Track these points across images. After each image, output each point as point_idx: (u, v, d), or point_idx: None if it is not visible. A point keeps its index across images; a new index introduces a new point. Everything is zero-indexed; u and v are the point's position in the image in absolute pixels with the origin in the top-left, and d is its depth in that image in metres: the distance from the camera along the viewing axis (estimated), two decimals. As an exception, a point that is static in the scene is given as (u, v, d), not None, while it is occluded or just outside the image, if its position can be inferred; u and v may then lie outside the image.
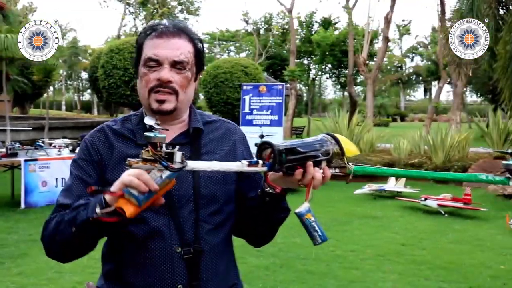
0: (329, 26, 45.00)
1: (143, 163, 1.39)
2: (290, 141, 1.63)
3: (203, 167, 1.52)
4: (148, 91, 1.81)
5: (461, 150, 15.61)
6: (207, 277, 1.82)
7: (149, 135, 1.38)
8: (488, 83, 27.93)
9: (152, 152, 1.38)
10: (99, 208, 1.51)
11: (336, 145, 1.67)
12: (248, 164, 1.57)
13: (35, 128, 18.20)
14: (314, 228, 1.64)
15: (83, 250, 1.76)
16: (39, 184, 9.84)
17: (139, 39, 1.89)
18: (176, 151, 1.41)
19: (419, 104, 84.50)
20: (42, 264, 6.42)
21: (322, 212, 10.02)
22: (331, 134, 1.70)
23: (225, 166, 1.56)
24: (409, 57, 72.17)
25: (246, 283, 6.28)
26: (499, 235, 8.45)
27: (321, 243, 1.65)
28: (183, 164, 1.43)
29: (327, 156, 1.64)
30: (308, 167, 1.61)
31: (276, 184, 1.72)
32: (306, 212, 1.63)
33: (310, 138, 1.67)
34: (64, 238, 1.68)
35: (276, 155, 1.56)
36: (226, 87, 19.85)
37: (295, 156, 1.59)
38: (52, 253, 1.78)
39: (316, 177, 1.62)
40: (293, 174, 1.61)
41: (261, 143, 1.63)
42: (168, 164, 1.39)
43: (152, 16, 36.62)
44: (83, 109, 61.99)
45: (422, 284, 6.05)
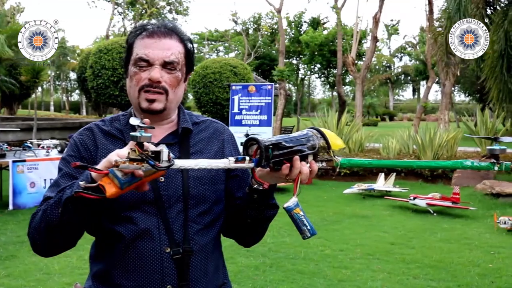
0: (318, 26, 45.00)
1: (130, 163, 1.39)
2: (276, 137, 1.63)
3: (190, 165, 1.51)
4: (138, 90, 1.81)
5: (449, 149, 15.69)
6: (197, 277, 1.82)
7: (135, 134, 1.38)
8: (476, 82, 28.09)
9: (138, 151, 1.38)
10: (84, 183, 1.50)
11: (322, 139, 1.68)
12: (235, 160, 1.57)
13: (23, 129, 18.09)
14: (303, 222, 1.65)
15: (68, 238, 1.74)
16: (27, 185, 9.79)
17: (129, 38, 1.89)
18: (163, 149, 1.41)
19: (407, 104, 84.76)
20: (31, 265, 6.39)
21: (312, 211, 10.04)
22: (316, 128, 1.71)
23: (213, 163, 1.55)
24: (397, 57, 72.39)
25: (236, 283, 6.27)
26: (487, 233, 8.50)
27: (310, 237, 1.66)
28: (170, 163, 1.42)
29: (313, 150, 1.65)
30: (294, 162, 1.61)
31: (264, 180, 1.73)
32: (295, 206, 1.64)
33: (296, 133, 1.68)
34: (50, 224, 1.65)
35: (262, 150, 1.56)
36: (215, 87, 19.78)
37: (282, 151, 1.60)
38: (38, 245, 1.76)
39: (303, 171, 1.63)
40: (280, 169, 1.62)
41: (247, 139, 1.63)
42: (155, 163, 1.39)
43: (141, 16, 36.47)
44: (71, 110, 61.65)
45: (411, 283, 6.08)
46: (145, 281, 1.77)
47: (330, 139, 1.69)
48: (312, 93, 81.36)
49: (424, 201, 10.16)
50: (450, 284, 6.05)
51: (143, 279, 1.77)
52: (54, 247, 1.77)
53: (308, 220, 1.66)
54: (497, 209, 10.08)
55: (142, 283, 1.77)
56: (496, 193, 11.22)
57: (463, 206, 10.11)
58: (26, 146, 10.85)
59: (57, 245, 1.77)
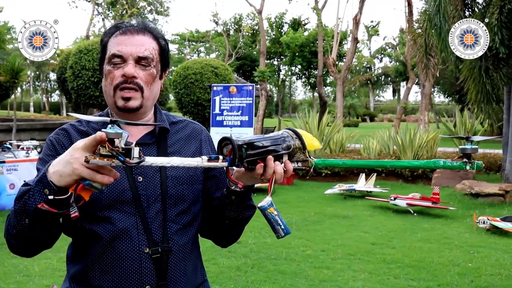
0: (299, 27, 45.11)
1: (101, 158, 1.38)
2: (250, 136, 1.64)
3: (162, 163, 1.50)
4: (114, 89, 1.80)
5: (429, 150, 15.83)
6: (175, 277, 1.82)
7: (105, 130, 1.37)
8: (455, 83, 28.32)
9: (109, 147, 1.38)
10: (51, 194, 1.46)
11: (298, 140, 1.69)
12: (208, 159, 1.56)
13: (3, 130, 17.96)
14: (277, 221, 1.65)
15: (44, 242, 1.69)
16: (6, 186, 9.69)
17: (103, 38, 1.89)
18: (133, 146, 1.41)
19: (388, 105, 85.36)
20: (10, 267, 6.33)
21: (293, 212, 10.07)
22: (292, 129, 1.72)
23: (185, 161, 1.54)
24: (377, 58, 72.78)
25: (217, 284, 6.26)
26: (467, 233, 8.58)
27: (284, 236, 1.66)
28: (140, 159, 1.42)
29: (288, 150, 1.66)
30: (268, 161, 1.61)
31: (240, 181, 1.73)
32: (269, 206, 1.64)
33: (271, 133, 1.69)
34: (21, 232, 1.60)
35: (235, 150, 1.57)
36: (196, 88, 19.76)
37: (256, 151, 1.60)
38: (15, 248, 1.72)
39: (277, 171, 1.63)
40: (255, 169, 1.63)
41: (221, 139, 1.64)
42: (124, 159, 1.38)
43: (122, 16, 36.30)
44: (51, 111, 61.12)
45: (392, 283, 6.11)
46: (123, 281, 1.75)
47: (306, 140, 1.70)
48: (293, 94, 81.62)
49: (404, 201, 10.23)
50: (431, 283, 6.10)
51: (121, 280, 1.75)
52: (31, 249, 1.73)
53: (282, 219, 1.66)
54: (476, 209, 10.19)
55: (120, 284, 1.75)
56: (475, 193, 11.34)
57: (443, 206, 10.20)
58: (5, 147, 10.78)
59: (34, 248, 1.72)
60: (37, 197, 1.49)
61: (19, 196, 1.56)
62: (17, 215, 1.57)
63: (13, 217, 1.61)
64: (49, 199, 1.46)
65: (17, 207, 1.56)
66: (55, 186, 1.46)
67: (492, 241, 8.08)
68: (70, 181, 1.44)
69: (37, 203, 1.47)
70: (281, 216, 1.67)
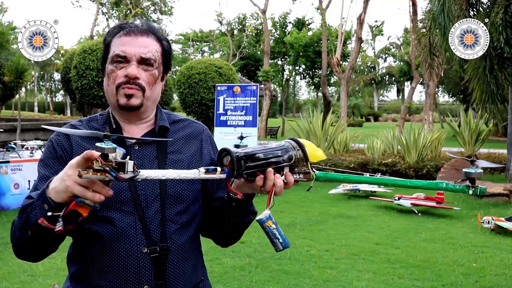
0: (303, 27, 45.14)
1: (94, 173, 1.38)
2: (251, 147, 1.62)
3: (157, 176, 1.49)
4: (116, 88, 1.81)
5: (433, 150, 15.80)
6: (174, 276, 1.82)
7: (99, 145, 1.37)
8: (460, 83, 28.31)
9: (101, 163, 1.38)
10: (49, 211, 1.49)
11: (300, 151, 1.66)
12: (205, 171, 1.55)
13: (7, 130, 17.98)
14: (275, 235, 1.64)
15: (48, 249, 1.74)
16: (11, 186, 9.71)
17: (106, 37, 1.90)
18: (128, 160, 1.40)
19: (392, 104, 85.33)
20: (15, 267, 6.33)
21: (297, 212, 10.06)
22: (295, 139, 1.69)
23: (182, 174, 1.53)
24: (382, 57, 72.76)
25: (222, 284, 6.25)
26: (471, 233, 8.56)
27: (282, 250, 1.66)
28: (134, 174, 1.41)
29: (289, 162, 1.63)
30: (268, 174, 1.60)
31: (240, 190, 1.73)
32: (267, 219, 1.64)
33: (273, 144, 1.66)
34: (25, 242, 1.66)
35: (234, 162, 1.55)
36: (200, 87, 19.79)
37: (255, 163, 1.58)
38: (20, 254, 1.76)
39: (277, 183, 1.61)
40: (254, 181, 1.61)
41: (221, 150, 1.62)
42: (117, 174, 1.38)
43: (126, 16, 36.34)
44: (56, 111, 61.32)
45: (396, 283, 6.10)
46: (121, 281, 1.76)
47: (309, 150, 1.67)
48: (297, 93, 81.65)
49: (408, 201, 10.21)
50: (435, 283, 6.08)
51: (119, 279, 1.76)
52: (36, 256, 1.77)
53: (281, 232, 1.65)
54: (481, 209, 10.16)
55: (119, 283, 1.76)
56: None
57: (447, 206, 10.18)
58: (9, 147, 10.80)
59: (39, 255, 1.76)
60: (38, 211, 1.53)
61: (22, 208, 1.63)
62: (21, 227, 1.63)
63: (17, 227, 1.67)
64: (47, 215, 1.48)
65: (21, 220, 1.63)
66: (53, 202, 1.49)
67: (496, 241, 8.06)
68: (65, 198, 1.47)
69: (38, 217, 1.51)
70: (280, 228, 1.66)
